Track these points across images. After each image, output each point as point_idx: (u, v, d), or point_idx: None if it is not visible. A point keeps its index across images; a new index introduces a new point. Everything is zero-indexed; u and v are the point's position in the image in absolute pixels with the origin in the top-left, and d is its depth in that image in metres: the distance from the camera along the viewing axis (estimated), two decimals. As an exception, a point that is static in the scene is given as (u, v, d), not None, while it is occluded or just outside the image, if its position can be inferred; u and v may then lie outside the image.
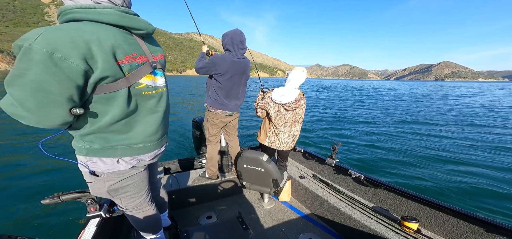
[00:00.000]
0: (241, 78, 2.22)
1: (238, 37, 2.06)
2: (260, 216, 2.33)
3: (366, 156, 5.70)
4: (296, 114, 2.14)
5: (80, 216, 2.68)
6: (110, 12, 0.84)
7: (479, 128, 8.90)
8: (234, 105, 2.27)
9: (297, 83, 2.05)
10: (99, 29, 0.80)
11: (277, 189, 2.18)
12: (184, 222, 2.21)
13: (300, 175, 2.63)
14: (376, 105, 17.07)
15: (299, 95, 2.07)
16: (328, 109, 14.41)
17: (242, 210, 2.41)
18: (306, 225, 2.21)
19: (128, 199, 1.18)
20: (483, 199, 3.73)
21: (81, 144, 0.94)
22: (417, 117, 11.40)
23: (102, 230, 1.43)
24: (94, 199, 1.44)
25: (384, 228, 1.71)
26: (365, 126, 9.26)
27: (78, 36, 0.74)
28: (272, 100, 2.10)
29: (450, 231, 1.57)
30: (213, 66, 2.07)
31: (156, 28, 1.32)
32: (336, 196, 2.20)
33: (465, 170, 4.80)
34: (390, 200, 1.94)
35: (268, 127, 2.24)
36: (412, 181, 4.35)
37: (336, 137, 7.61)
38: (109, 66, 0.82)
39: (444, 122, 10.07)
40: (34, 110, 0.73)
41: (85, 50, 0.75)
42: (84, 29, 0.77)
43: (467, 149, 6.10)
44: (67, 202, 1.39)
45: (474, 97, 25.97)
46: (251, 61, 2.32)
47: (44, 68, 0.69)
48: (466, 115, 12.13)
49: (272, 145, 2.25)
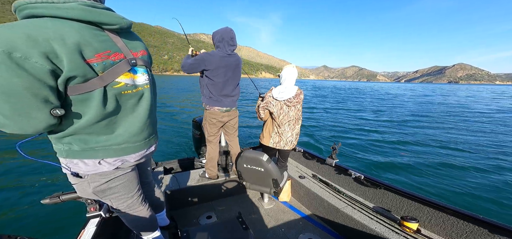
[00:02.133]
0: (233, 73, 2.22)
1: (228, 34, 2.09)
2: (260, 216, 2.33)
3: (369, 156, 5.70)
4: (297, 111, 2.17)
5: (80, 216, 2.69)
6: (72, 6, 0.76)
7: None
8: (230, 101, 2.28)
9: (293, 79, 2.09)
10: (61, 26, 0.73)
11: (277, 189, 2.18)
12: (184, 222, 2.21)
13: (300, 175, 2.63)
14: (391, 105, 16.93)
15: (298, 90, 2.11)
16: (327, 111, 14.42)
17: (242, 210, 2.41)
18: (306, 225, 2.21)
19: (118, 200, 1.15)
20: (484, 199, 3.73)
21: (60, 147, 0.91)
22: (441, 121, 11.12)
23: (102, 230, 1.43)
24: (94, 199, 1.44)
25: (384, 228, 1.71)
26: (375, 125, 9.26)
27: (38, 33, 0.68)
28: (273, 98, 2.12)
29: (450, 231, 1.57)
30: (202, 62, 2.08)
31: (166, 29, 1.32)
32: (336, 196, 2.20)
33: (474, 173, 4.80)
34: (390, 200, 1.94)
35: (271, 127, 2.24)
36: (412, 181, 4.35)
37: (336, 138, 7.61)
38: (76, 66, 0.75)
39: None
40: (12, 116, 0.71)
41: (48, 48, 0.69)
42: (44, 25, 0.70)
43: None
44: (67, 202, 1.39)
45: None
46: (245, 62, 2.33)
47: (6, 69, 0.64)
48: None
49: (277, 146, 2.25)
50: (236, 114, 2.44)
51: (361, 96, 26.13)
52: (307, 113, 12.54)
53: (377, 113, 12.78)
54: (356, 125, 9.59)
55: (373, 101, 20.10)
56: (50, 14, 0.74)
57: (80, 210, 1.24)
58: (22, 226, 2.85)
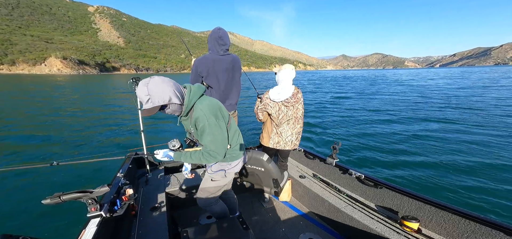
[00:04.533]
0: (229, 75, 2.16)
1: (216, 33, 2.04)
2: (261, 216, 2.33)
3: (369, 154, 5.69)
4: (297, 110, 2.15)
5: (80, 216, 2.70)
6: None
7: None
8: (228, 105, 2.25)
9: (289, 80, 2.08)
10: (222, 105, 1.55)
11: (277, 188, 2.18)
12: (184, 222, 2.21)
13: (301, 175, 2.63)
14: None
15: (295, 89, 2.10)
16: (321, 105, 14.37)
17: (243, 210, 2.41)
18: (306, 224, 2.21)
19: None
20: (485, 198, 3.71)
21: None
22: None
23: (103, 230, 1.43)
24: (95, 199, 1.44)
25: (384, 228, 1.71)
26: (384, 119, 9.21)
27: (214, 106, 1.42)
28: (270, 100, 2.11)
29: (450, 231, 1.57)
30: (195, 69, 2.05)
31: (181, 28, 1.56)
32: (337, 196, 2.20)
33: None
34: (390, 200, 1.93)
35: (271, 128, 2.23)
36: (412, 180, 4.35)
37: (337, 137, 7.60)
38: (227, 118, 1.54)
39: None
40: (223, 152, 1.45)
41: (220, 112, 1.44)
42: (212, 102, 1.44)
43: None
44: (67, 202, 1.39)
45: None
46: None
47: (219, 128, 1.38)
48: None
49: (277, 146, 2.24)
50: (235, 114, 2.44)
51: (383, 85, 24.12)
52: (309, 112, 12.51)
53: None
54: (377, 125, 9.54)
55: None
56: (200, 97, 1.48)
57: (80, 210, 1.24)
58: (23, 226, 2.86)
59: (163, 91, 1.23)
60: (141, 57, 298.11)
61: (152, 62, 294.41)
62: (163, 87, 1.24)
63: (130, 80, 2.21)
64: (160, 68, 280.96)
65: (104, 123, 9.50)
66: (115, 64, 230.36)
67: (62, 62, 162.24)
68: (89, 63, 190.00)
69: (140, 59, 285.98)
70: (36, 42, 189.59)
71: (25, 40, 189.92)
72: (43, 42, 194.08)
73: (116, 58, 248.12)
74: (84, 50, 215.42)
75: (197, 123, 1.36)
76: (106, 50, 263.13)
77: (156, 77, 1.26)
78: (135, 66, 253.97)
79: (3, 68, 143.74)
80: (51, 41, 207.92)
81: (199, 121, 1.34)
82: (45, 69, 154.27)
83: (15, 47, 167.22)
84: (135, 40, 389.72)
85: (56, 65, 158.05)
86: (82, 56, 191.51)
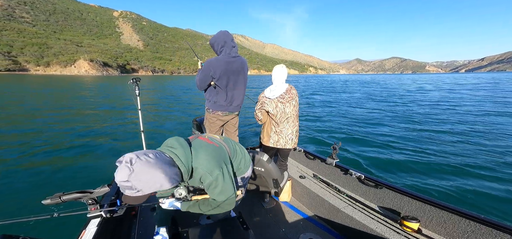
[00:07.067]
0: (238, 78, 2.22)
1: (229, 36, 2.10)
2: (261, 216, 2.33)
3: (372, 155, 5.69)
4: (294, 107, 2.21)
5: (80, 216, 2.70)
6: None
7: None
8: (235, 107, 2.31)
9: (282, 78, 2.16)
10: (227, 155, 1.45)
11: (277, 189, 2.18)
12: (184, 222, 2.21)
13: (301, 175, 2.63)
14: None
15: (288, 86, 2.19)
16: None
17: (242, 210, 2.41)
18: (306, 225, 2.20)
19: None
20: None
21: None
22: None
23: (103, 230, 1.43)
24: (95, 200, 1.45)
25: (384, 228, 1.71)
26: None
27: (212, 156, 1.28)
28: (266, 97, 2.19)
29: (451, 231, 1.56)
30: (208, 69, 2.06)
31: (195, 31, 1.53)
32: (337, 196, 2.20)
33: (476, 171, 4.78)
34: (390, 200, 1.93)
35: (270, 127, 2.26)
36: (412, 180, 4.34)
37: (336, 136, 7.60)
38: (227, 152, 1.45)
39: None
40: (234, 200, 1.33)
41: (219, 156, 1.32)
42: (208, 152, 1.29)
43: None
44: (67, 202, 1.39)
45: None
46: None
47: (225, 179, 1.27)
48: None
49: (277, 145, 2.27)
50: (237, 113, 2.46)
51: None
52: (304, 109, 12.52)
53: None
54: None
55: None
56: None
57: (81, 211, 1.24)
58: (23, 226, 2.85)
59: (153, 178, 1.00)
60: (158, 59, 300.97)
61: (167, 64, 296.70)
62: (152, 173, 0.99)
63: (130, 81, 2.21)
64: (174, 70, 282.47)
65: (109, 124, 9.48)
66: (134, 66, 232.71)
67: (89, 64, 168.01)
68: (112, 65, 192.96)
69: (156, 61, 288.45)
70: (68, 46, 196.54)
71: (59, 43, 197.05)
72: (74, 46, 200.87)
73: (135, 60, 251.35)
74: (108, 53, 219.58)
75: (203, 180, 1.27)
76: (127, 52, 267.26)
77: (141, 161, 0.97)
78: (151, 68, 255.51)
79: (39, 69, 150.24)
80: (81, 45, 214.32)
81: (205, 179, 1.24)
82: (74, 70, 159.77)
83: (50, 50, 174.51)
84: (153, 43, 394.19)
85: (84, 67, 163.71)
86: (106, 58, 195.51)
